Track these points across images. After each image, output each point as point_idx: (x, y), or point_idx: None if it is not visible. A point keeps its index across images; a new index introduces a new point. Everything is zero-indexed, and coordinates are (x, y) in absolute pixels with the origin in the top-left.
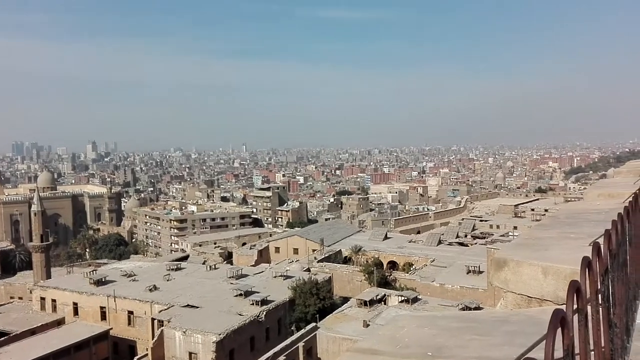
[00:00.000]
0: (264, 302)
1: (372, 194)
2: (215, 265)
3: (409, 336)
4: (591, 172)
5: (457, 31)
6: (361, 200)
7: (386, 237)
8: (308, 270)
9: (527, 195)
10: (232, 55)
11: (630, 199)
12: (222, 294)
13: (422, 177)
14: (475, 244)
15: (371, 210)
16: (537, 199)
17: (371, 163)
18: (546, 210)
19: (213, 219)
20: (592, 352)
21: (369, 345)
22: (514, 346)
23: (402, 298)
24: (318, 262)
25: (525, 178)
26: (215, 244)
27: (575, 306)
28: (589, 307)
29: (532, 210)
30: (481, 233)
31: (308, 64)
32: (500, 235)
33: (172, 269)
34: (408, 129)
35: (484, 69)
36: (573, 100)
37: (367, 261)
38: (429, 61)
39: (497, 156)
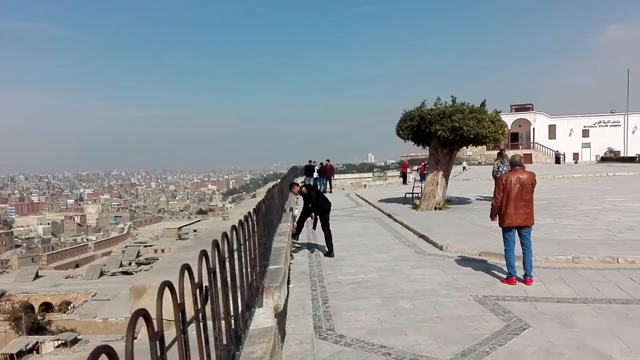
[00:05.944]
0: None
1: (18, 227)
2: None
3: None
4: (245, 192)
5: (101, 61)
6: (4, 236)
7: (37, 276)
8: None
9: (189, 217)
10: None
11: (242, 218)
12: None
13: (80, 204)
14: (140, 270)
15: (17, 246)
16: (199, 220)
17: (16, 191)
18: (205, 229)
19: None
20: None
21: None
22: None
23: (59, 342)
24: None
25: (188, 201)
26: None
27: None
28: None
29: (195, 231)
30: (146, 259)
31: None
32: None
33: None
34: (62, 154)
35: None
36: (228, 129)
37: (13, 307)
38: (77, 84)
39: (159, 180)
